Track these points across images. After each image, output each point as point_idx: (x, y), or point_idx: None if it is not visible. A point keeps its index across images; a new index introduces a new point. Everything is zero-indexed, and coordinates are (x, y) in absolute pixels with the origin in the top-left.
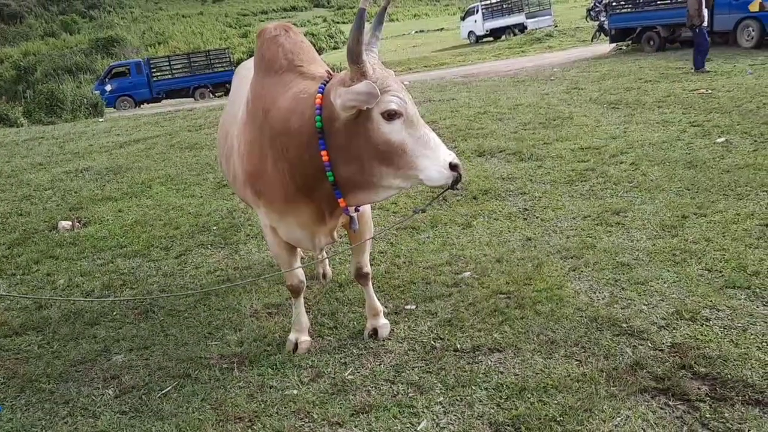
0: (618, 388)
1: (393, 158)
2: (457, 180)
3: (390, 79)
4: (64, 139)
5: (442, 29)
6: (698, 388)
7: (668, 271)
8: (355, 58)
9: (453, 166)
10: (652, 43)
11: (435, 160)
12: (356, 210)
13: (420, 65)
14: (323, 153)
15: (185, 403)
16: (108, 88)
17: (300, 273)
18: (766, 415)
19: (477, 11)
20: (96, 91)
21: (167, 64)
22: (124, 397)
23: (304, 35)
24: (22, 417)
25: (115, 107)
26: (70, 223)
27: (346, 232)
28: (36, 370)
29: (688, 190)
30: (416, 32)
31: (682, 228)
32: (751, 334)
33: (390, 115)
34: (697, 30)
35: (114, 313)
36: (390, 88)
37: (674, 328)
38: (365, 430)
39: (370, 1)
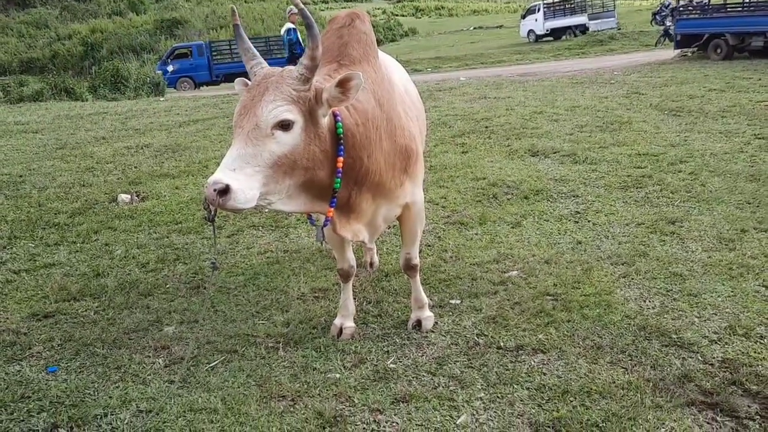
0: (664, 399)
1: None
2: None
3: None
4: (127, 115)
5: (501, 26)
6: (748, 406)
7: (723, 284)
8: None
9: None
10: (719, 51)
11: None
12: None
13: (477, 62)
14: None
15: (231, 377)
16: (170, 68)
17: (351, 258)
18: None
19: (538, 10)
20: (158, 71)
21: (228, 48)
22: (173, 367)
23: None
24: (76, 379)
25: (175, 88)
26: (129, 196)
27: (396, 224)
28: (91, 335)
29: (749, 203)
30: (474, 28)
31: (740, 242)
32: None
33: None
34: None
35: (167, 286)
36: None
37: (726, 343)
38: (405, 419)
39: (236, 17)
